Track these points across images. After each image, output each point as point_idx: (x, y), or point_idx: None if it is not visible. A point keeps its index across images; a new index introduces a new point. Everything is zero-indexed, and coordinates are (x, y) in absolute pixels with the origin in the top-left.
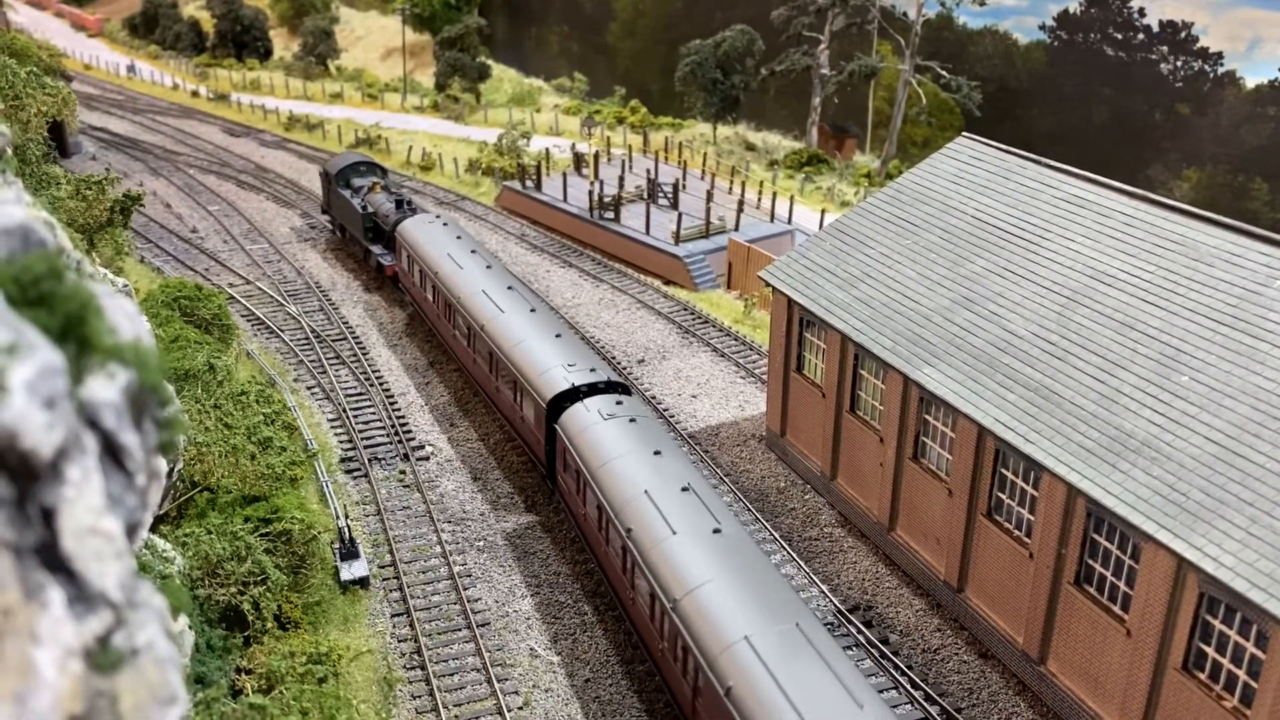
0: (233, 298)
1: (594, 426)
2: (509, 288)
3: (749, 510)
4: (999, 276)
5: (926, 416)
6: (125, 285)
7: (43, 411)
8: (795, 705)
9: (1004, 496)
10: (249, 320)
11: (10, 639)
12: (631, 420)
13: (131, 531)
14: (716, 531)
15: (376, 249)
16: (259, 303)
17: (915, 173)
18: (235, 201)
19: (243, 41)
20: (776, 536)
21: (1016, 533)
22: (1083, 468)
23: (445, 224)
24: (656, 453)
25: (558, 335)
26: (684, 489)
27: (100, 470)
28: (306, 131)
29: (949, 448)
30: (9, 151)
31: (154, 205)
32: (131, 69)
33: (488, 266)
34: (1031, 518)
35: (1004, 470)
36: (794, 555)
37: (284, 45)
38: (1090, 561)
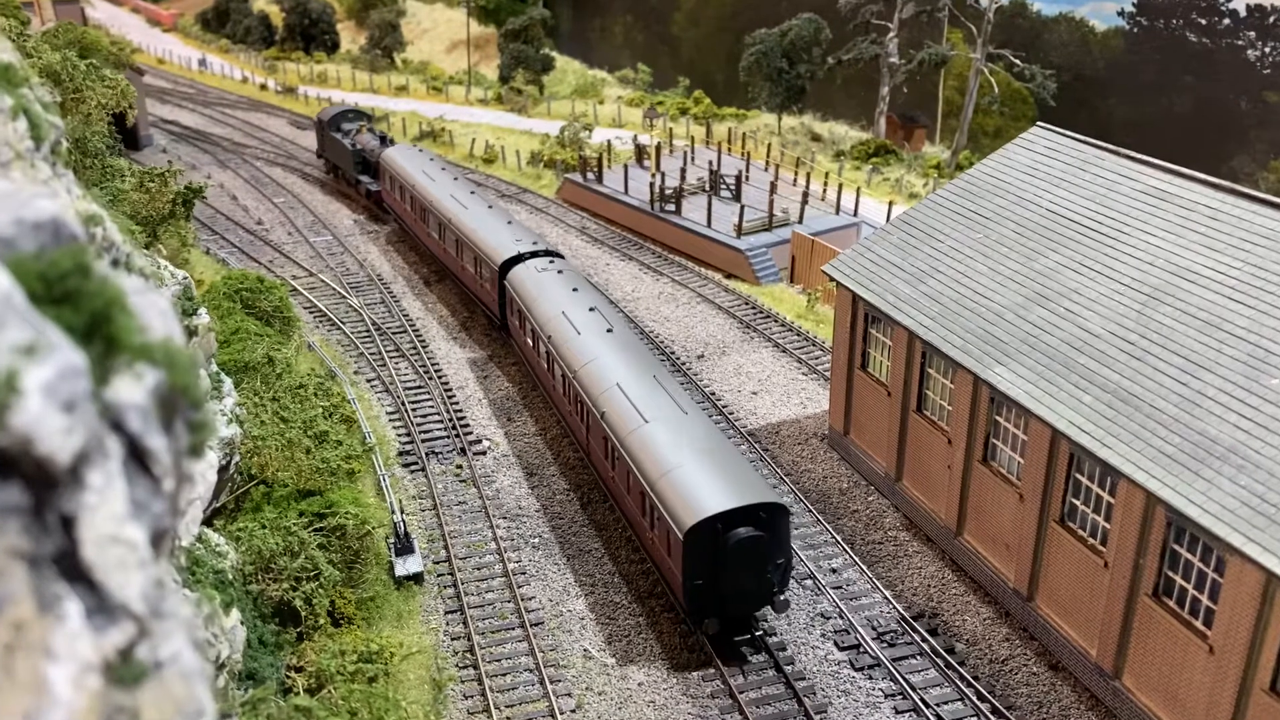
0: (295, 290)
1: (532, 277)
2: (471, 192)
3: (809, 511)
4: (1075, 272)
5: (997, 418)
6: (185, 278)
7: (61, 415)
8: (641, 413)
9: (1078, 503)
10: (311, 312)
11: (22, 654)
12: (559, 272)
13: (158, 539)
14: (609, 331)
15: (365, 179)
16: (321, 295)
17: (988, 164)
18: (300, 194)
19: (311, 35)
20: (838, 539)
21: (1091, 541)
22: (1163, 474)
23: (420, 150)
24: (574, 290)
25: (509, 222)
26: (590, 309)
27: (124, 476)
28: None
29: (1021, 451)
30: (64, 144)
31: (221, 197)
32: (203, 63)
33: (455, 179)
34: (1107, 525)
35: (1078, 475)
36: (856, 559)
37: (351, 38)
38: (1170, 573)
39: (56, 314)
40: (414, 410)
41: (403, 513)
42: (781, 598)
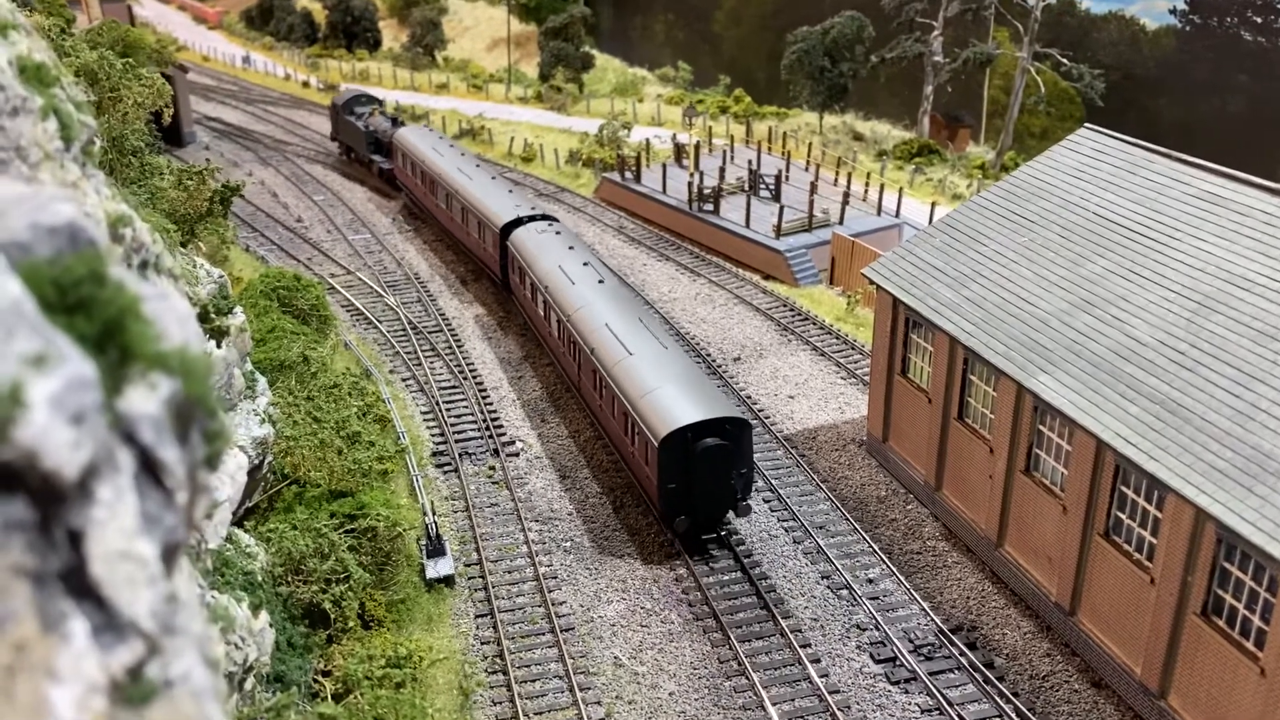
0: (333, 288)
1: (532, 238)
2: (476, 166)
3: (846, 519)
4: (1123, 278)
5: (1040, 427)
6: (220, 276)
7: (69, 428)
8: (626, 348)
9: (1124, 516)
10: (348, 310)
11: (23, 676)
12: (557, 233)
13: (171, 553)
14: (600, 282)
15: (377, 158)
16: (359, 293)
17: (1033, 166)
18: (340, 191)
19: (353, 33)
20: (875, 549)
21: (1137, 555)
22: (1213, 490)
23: (430, 130)
24: (570, 248)
25: (510, 190)
26: (584, 264)
27: (135, 489)
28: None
29: (1064, 461)
30: (97, 143)
31: (261, 194)
32: (246, 60)
33: (461, 154)
34: (1154, 541)
35: (1124, 488)
36: (893, 569)
37: (393, 36)
38: (1220, 592)
39: (69, 322)
40: (448, 410)
41: (434, 514)
42: (744, 504)
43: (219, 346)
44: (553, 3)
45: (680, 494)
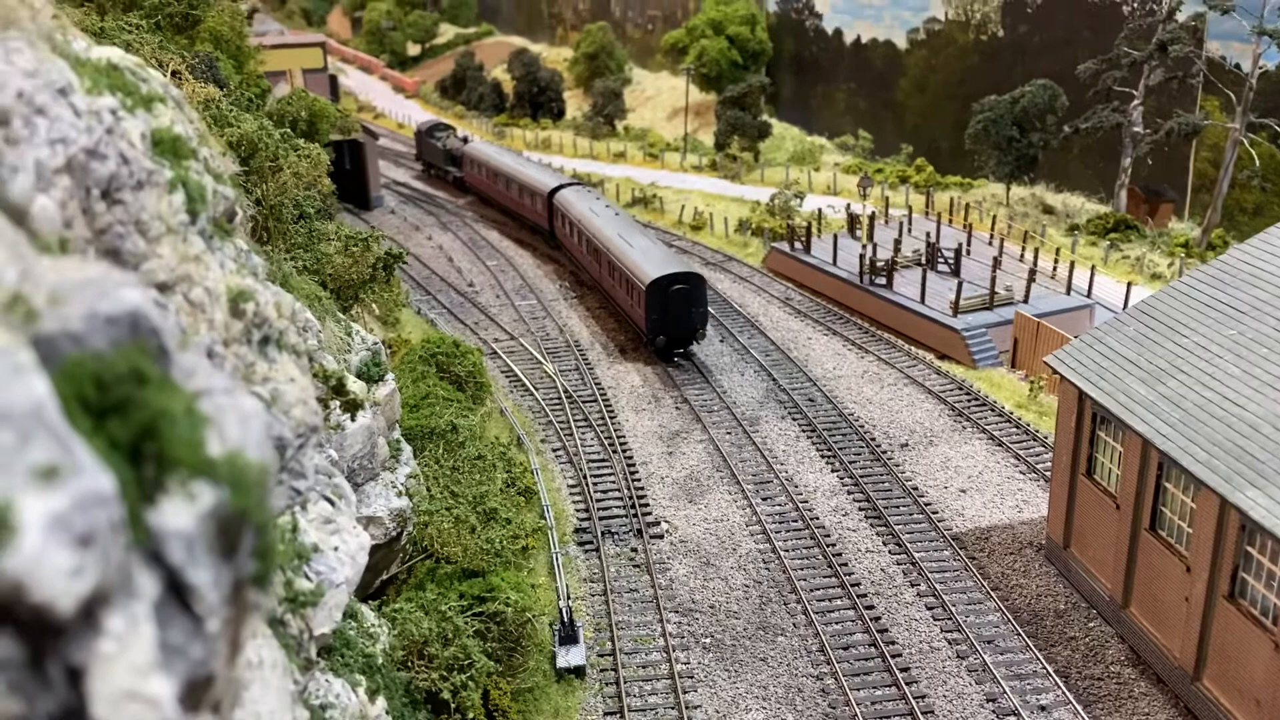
0: (495, 353)
1: (570, 195)
2: (529, 160)
3: (1018, 634)
4: None
5: (1249, 548)
6: (375, 343)
7: (70, 552)
8: (630, 245)
9: None
10: (507, 376)
11: None
12: (587, 191)
13: (195, 689)
14: (616, 214)
15: (452, 169)
16: (519, 359)
17: (1245, 248)
18: (512, 258)
19: (539, 102)
20: (1050, 671)
21: None
22: None
23: (491, 144)
24: (596, 199)
25: (553, 170)
26: (606, 205)
27: (155, 617)
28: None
29: (1278, 591)
30: (240, 213)
31: (438, 258)
32: None
33: (515, 155)
34: None
35: None
36: (1070, 697)
37: (576, 106)
38: None
39: (99, 426)
40: (595, 485)
41: (570, 598)
42: (701, 333)
43: (353, 420)
44: (733, 73)
45: (659, 322)
